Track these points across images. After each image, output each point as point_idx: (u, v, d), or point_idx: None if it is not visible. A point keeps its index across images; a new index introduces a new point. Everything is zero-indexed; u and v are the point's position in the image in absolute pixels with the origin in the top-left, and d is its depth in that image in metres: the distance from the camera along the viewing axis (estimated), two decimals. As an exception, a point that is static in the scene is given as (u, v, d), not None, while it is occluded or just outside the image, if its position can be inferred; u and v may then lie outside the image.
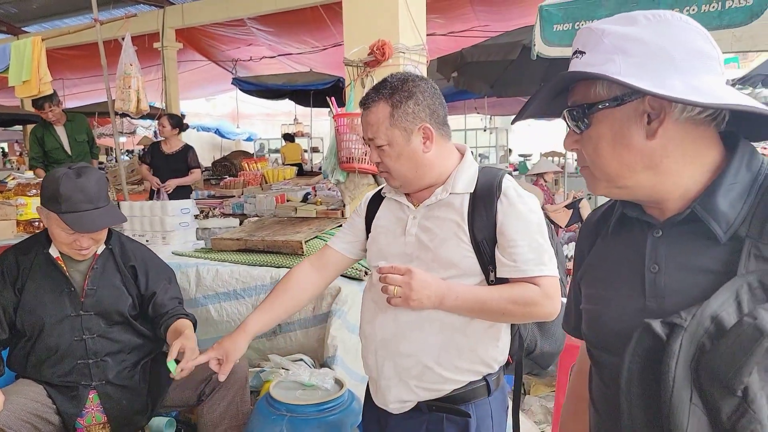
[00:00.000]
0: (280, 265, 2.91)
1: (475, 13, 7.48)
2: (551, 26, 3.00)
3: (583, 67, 0.89)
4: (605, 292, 1.00)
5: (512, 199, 1.46)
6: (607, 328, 0.98)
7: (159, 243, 3.37)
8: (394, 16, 3.17)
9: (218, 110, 18.26)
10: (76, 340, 2.14)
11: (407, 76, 1.51)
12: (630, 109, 0.87)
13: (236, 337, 1.64)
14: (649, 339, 0.82)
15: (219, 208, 5.41)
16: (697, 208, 0.88)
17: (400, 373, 1.51)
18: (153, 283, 2.29)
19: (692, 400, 0.77)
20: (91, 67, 9.58)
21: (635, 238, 0.97)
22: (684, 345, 0.78)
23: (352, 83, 3.32)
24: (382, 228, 1.62)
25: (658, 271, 0.91)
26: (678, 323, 0.79)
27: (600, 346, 1.01)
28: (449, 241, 1.47)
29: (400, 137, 1.48)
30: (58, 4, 8.84)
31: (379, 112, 1.49)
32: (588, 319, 1.05)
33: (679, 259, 0.90)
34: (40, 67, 4.96)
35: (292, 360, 2.63)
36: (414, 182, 1.54)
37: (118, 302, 2.21)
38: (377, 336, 1.55)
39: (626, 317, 0.94)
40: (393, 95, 1.47)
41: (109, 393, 2.18)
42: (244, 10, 8.15)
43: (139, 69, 4.94)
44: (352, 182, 3.33)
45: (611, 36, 0.87)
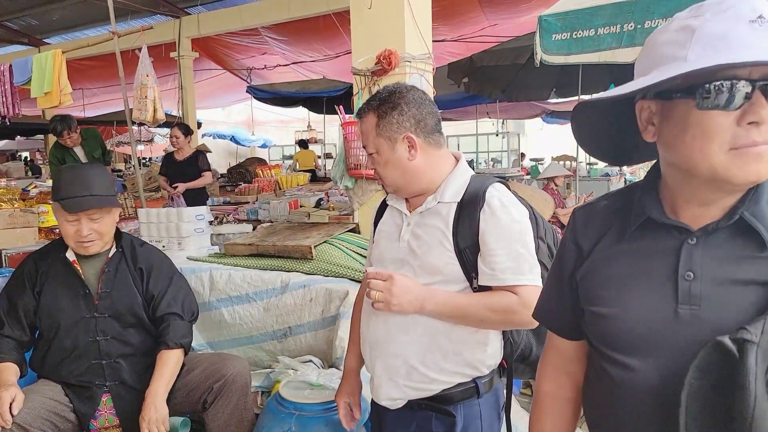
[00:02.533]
0: (290, 269, 2.99)
1: (485, 14, 7.52)
2: (550, 36, 3.07)
3: None
4: (625, 294, 0.97)
5: (494, 209, 1.49)
6: (629, 333, 0.95)
7: (175, 249, 3.47)
8: (400, 26, 3.25)
9: (233, 118, 18.48)
10: (91, 341, 2.22)
11: (395, 88, 1.58)
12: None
13: (348, 379, 1.83)
14: (716, 355, 0.80)
15: (233, 215, 5.52)
16: (745, 214, 0.85)
17: (389, 372, 1.58)
18: (153, 286, 2.33)
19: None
20: (109, 77, 9.78)
21: (662, 242, 0.94)
22: (760, 361, 0.76)
23: (360, 92, 3.40)
24: (383, 233, 1.69)
25: (693, 279, 0.89)
26: (749, 339, 0.76)
27: (619, 350, 0.97)
28: (435, 248, 1.52)
29: (385, 146, 1.55)
30: (78, 16, 9.06)
31: (367, 123, 1.57)
32: (602, 323, 1.00)
33: (718, 269, 0.87)
34: (61, 79, 5.12)
35: (302, 361, 2.71)
36: (405, 188, 1.60)
37: (132, 304, 2.27)
38: (371, 337, 1.63)
39: (655, 323, 0.92)
40: (380, 106, 1.55)
41: (122, 395, 2.24)
42: (258, 20, 8.29)
43: (156, 79, 5.07)
44: (360, 188, 3.41)
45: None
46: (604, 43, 2.97)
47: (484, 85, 7.40)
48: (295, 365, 2.57)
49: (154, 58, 5.43)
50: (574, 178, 7.92)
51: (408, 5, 3.25)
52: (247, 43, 9.37)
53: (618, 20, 2.75)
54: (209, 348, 3.11)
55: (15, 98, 5.64)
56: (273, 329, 2.91)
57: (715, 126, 0.81)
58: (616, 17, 2.77)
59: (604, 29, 2.84)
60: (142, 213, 3.68)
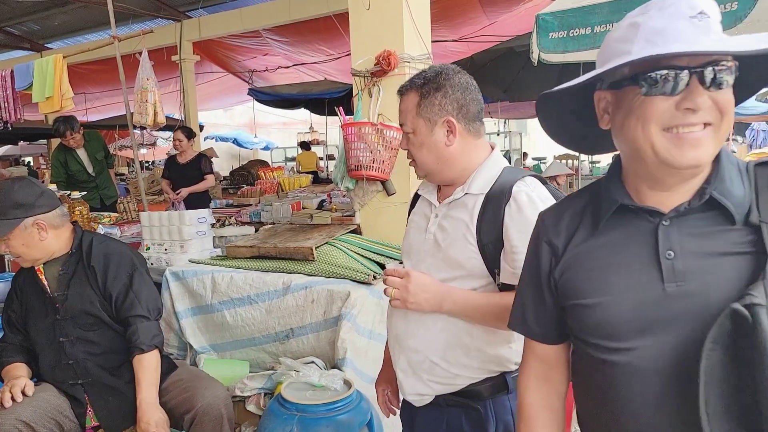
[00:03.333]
0: (292, 270, 3.00)
1: (486, 14, 7.51)
2: (547, 34, 3.06)
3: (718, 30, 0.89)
4: (610, 282, 1.00)
5: (521, 204, 1.42)
6: (622, 317, 0.98)
7: (177, 251, 3.48)
8: (399, 26, 3.25)
9: (236, 120, 18.51)
10: (58, 343, 2.26)
11: (442, 69, 1.52)
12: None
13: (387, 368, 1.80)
14: (731, 323, 0.84)
15: (236, 217, 5.53)
16: (714, 193, 0.92)
17: (413, 367, 1.55)
18: (110, 285, 2.28)
19: None
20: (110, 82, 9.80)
21: (637, 227, 0.99)
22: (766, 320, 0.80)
23: (360, 93, 3.41)
24: (413, 224, 1.66)
25: (674, 257, 0.94)
26: (757, 302, 0.81)
27: (613, 337, 0.99)
28: (458, 242, 1.48)
29: (423, 127, 1.50)
30: (79, 21, 9.08)
31: (408, 100, 1.52)
32: (591, 313, 1.02)
33: (694, 244, 0.93)
34: (62, 84, 5.13)
35: (304, 363, 2.71)
36: (437, 174, 1.55)
37: (88, 305, 2.26)
38: (393, 330, 1.62)
39: (646, 303, 0.95)
40: (423, 86, 1.50)
41: (96, 392, 2.27)
42: (258, 22, 8.29)
43: (156, 83, 5.08)
44: (361, 189, 3.42)
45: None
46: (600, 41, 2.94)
47: (486, 85, 7.38)
48: (297, 366, 2.57)
49: (155, 61, 5.44)
50: (577, 176, 7.91)
51: (406, 6, 3.25)
52: (248, 45, 9.38)
53: (614, 18, 2.74)
54: (212, 350, 3.12)
55: (17, 103, 5.66)
56: (275, 331, 2.92)
57: (655, 109, 0.90)
58: (612, 15, 2.76)
59: (601, 27, 2.83)
60: (144, 216, 3.69)
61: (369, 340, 2.77)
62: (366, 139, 3.22)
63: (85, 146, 5.68)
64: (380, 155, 3.24)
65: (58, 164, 5.68)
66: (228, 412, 2.25)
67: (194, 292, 3.13)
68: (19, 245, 2.22)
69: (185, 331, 3.13)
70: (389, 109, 3.32)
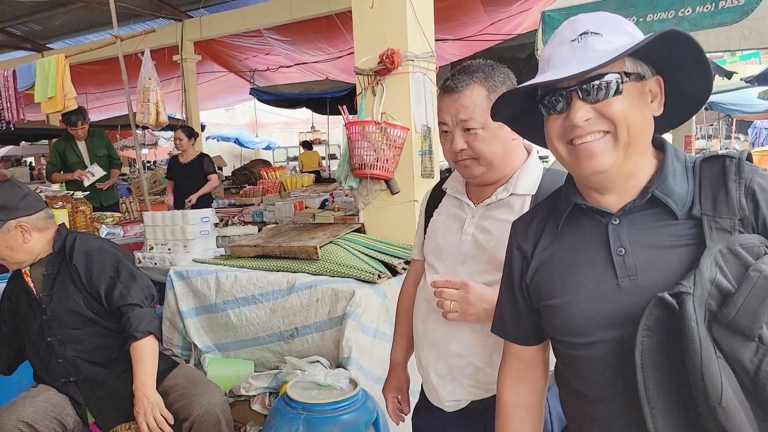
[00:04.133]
0: (296, 269, 2.99)
1: (488, 14, 7.49)
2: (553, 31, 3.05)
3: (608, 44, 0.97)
4: (572, 282, 1.06)
5: None
6: (583, 314, 1.04)
7: (180, 251, 3.48)
8: (402, 24, 3.24)
9: (237, 120, 18.53)
10: (47, 344, 2.27)
11: (494, 64, 1.50)
12: (642, 86, 0.99)
13: (394, 373, 1.79)
14: (659, 311, 0.90)
15: (239, 216, 5.52)
16: (656, 192, 1.00)
17: (452, 372, 1.50)
18: (96, 280, 2.26)
19: (717, 354, 0.84)
20: (113, 81, 9.80)
21: (590, 228, 1.07)
22: (696, 308, 0.85)
23: (363, 91, 3.40)
24: (441, 224, 1.60)
25: (625, 254, 1.01)
26: (684, 291, 0.86)
27: (577, 335, 1.05)
28: (506, 243, 1.44)
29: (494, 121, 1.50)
30: (81, 21, 9.08)
31: (474, 95, 1.45)
32: (557, 313, 1.08)
33: (642, 240, 1.00)
34: (65, 84, 5.13)
35: (310, 362, 2.70)
36: (498, 169, 1.50)
37: (72, 304, 2.26)
38: (429, 335, 1.55)
39: (603, 299, 1.02)
40: (487, 79, 1.46)
41: (88, 389, 2.27)
42: (260, 21, 8.28)
43: (158, 82, 5.08)
44: (364, 188, 3.41)
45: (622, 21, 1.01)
46: (608, 38, 2.94)
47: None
48: (302, 366, 2.57)
49: (156, 61, 5.42)
50: (579, 175, 7.88)
51: (410, 4, 3.24)
52: (249, 45, 9.37)
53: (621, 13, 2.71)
54: (216, 350, 3.11)
55: (19, 103, 5.65)
56: (280, 330, 2.91)
57: (553, 126, 1.03)
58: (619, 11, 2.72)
59: (607, 23, 2.81)
60: (147, 216, 3.68)
61: (374, 339, 2.76)
62: (370, 138, 3.21)
63: (87, 140, 5.68)
64: (384, 154, 3.23)
65: (56, 153, 5.70)
66: (225, 416, 2.23)
67: (198, 292, 3.13)
68: (3, 248, 2.23)
69: (189, 330, 3.12)
70: (393, 108, 3.30)
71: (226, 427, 2.22)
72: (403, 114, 3.29)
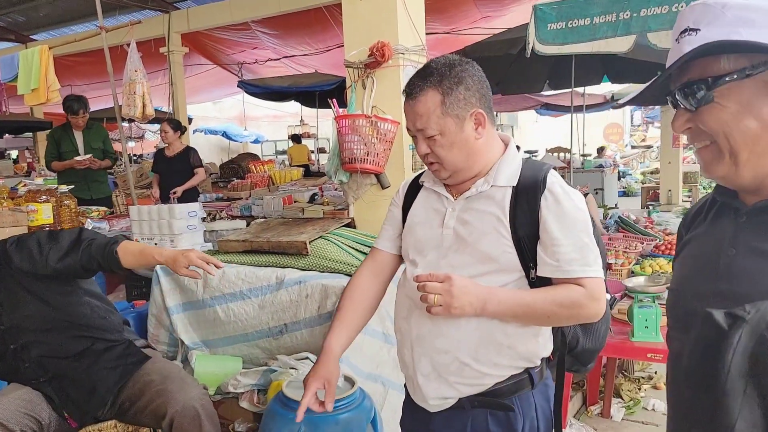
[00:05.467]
0: (285, 265, 2.95)
1: (478, 7, 7.48)
2: (546, 25, 3.03)
3: (704, 42, 0.85)
4: (688, 273, 1.02)
5: (558, 196, 1.39)
6: (682, 307, 1.00)
7: (167, 246, 3.42)
8: (393, 17, 3.20)
9: (225, 113, 18.37)
10: (11, 351, 2.22)
11: (452, 61, 1.44)
12: (760, 80, 0.84)
13: (326, 361, 1.58)
14: (711, 327, 0.84)
15: (227, 211, 5.47)
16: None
17: (438, 369, 1.47)
18: (52, 257, 2.15)
19: (746, 391, 0.78)
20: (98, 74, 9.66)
21: (724, 223, 0.98)
22: (743, 337, 0.78)
23: (353, 85, 3.36)
24: (419, 218, 1.56)
25: (734, 255, 0.91)
26: (741, 315, 0.79)
27: (673, 325, 1.03)
28: (489, 235, 1.42)
29: (452, 125, 1.42)
30: (65, 11, 8.94)
31: (428, 101, 1.41)
32: (669, 298, 1.07)
33: (755, 244, 0.89)
34: (48, 75, 5.04)
35: (299, 358, 2.67)
36: (464, 172, 1.48)
37: (24, 308, 2.20)
38: (413, 332, 1.51)
39: (700, 298, 0.94)
40: (442, 82, 1.40)
41: (58, 387, 2.24)
42: (248, 14, 8.20)
43: (145, 75, 5.01)
44: (354, 182, 3.37)
45: (733, 8, 0.84)
46: (600, 32, 2.92)
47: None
48: (293, 364, 2.53)
49: (143, 53, 5.36)
50: (569, 169, 7.91)
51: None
52: (237, 38, 9.29)
53: (614, 8, 2.71)
54: (204, 346, 3.07)
55: (2, 95, 5.56)
56: (268, 326, 2.88)
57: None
58: (612, 5, 2.73)
59: (600, 18, 2.79)
60: (133, 210, 3.63)
61: (364, 336, 2.73)
62: (360, 132, 3.18)
63: (84, 131, 5.60)
64: (374, 148, 3.20)
65: (52, 141, 5.61)
66: (205, 410, 2.17)
67: (185, 288, 3.08)
68: None
69: (176, 326, 3.07)
70: (384, 102, 3.27)
71: (208, 421, 2.15)
72: (393, 108, 3.25)
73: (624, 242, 4.10)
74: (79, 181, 5.55)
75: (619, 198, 12.55)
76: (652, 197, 10.22)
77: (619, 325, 2.84)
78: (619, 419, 3.40)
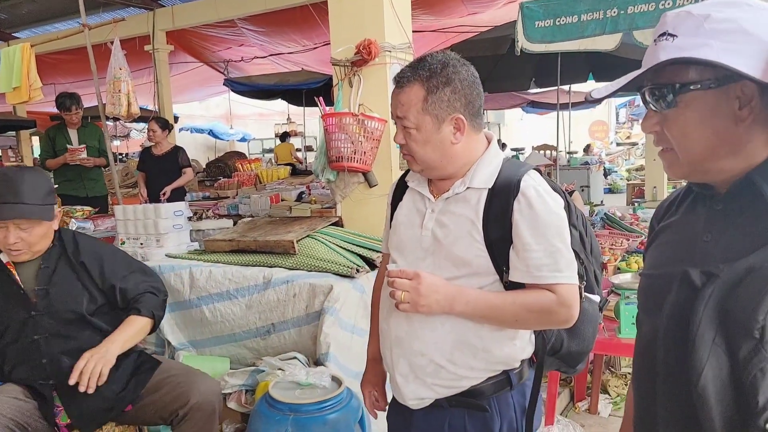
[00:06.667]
0: (273, 264, 2.94)
1: (465, 4, 7.48)
2: (533, 23, 3.03)
3: (677, 51, 0.89)
4: (663, 258, 1.05)
5: (530, 199, 1.38)
6: (653, 292, 1.02)
7: (153, 246, 3.39)
8: (380, 15, 3.19)
9: (211, 111, 18.24)
10: (30, 341, 2.17)
11: (448, 60, 1.42)
12: (722, 93, 0.89)
13: (373, 368, 1.75)
14: (686, 286, 0.89)
15: (213, 210, 5.43)
16: (755, 177, 0.91)
17: (415, 371, 1.48)
18: (109, 275, 2.26)
19: (715, 340, 0.83)
20: (82, 72, 9.55)
21: (699, 211, 1.01)
22: (716, 291, 0.84)
23: (340, 83, 3.35)
24: (403, 219, 1.57)
25: (709, 240, 0.94)
26: (714, 272, 0.85)
27: (644, 309, 1.06)
28: (462, 239, 1.42)
29: (430, 124, 1.41)
30: (48, 9, 8.82)
31: (412, 94, 1.41)
32: (642, 283, 1.10)
33: (731, 229, 0.93)
34: (30, 74, 4.96)
35: (286, 358, 2.66)
36: (438, 170, 1.48)
37: (72, 300, 2.20)
38: (392, 333, 1.53)
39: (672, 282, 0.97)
40: (431, 78, 1.39)
41: (68, 392, 2.16)
42: (234, 11, 8.13)
43: (129, 73, 4.95)
44: (342, 181, 3.36)
45: (713, 21, 0.87)
46: (588, 30, 2.93)
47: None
48: (280, 365, 2.52)
49: (128, 51, 5.29)
50: (555, 167, 7.95)
51: (387, -6, 3.19)
52: (223, 35, 9.21)
53: (601, 6, 2.72)
54: (191, 347, 3.05)
55: (-17, 94, 5.47)
56: (256, 326, 2.86)
57: None
58: (599, 3, 2.74)
59: (588, 15, 2.80)
60: (118, 210, 3.59)
61: (352, 335, 2.72)
62: (347, 130, 3.17)
63: (79, 129, 5.57)
64: (362, 146, 3.19)
65: (47, 139, 5.59)
66: (219, 407, 2.24)
67: (172, 288, 3.05)
68: (41, 234, 2.16)
69: (163, 327, 3.04)
70: (370, 100, 3.26)
71: (218, 417, 2.23)
72: (380, 106, 3.24)
73: (610, 239, 4.12)
74: (74, 179, 5.50)
75: (605, 195, 12.64)
76: (638, 194, 10.29)
77: (606, 321, 2.85)
78: (607, 415, 3.43)
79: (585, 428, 3.24)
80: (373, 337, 1.76)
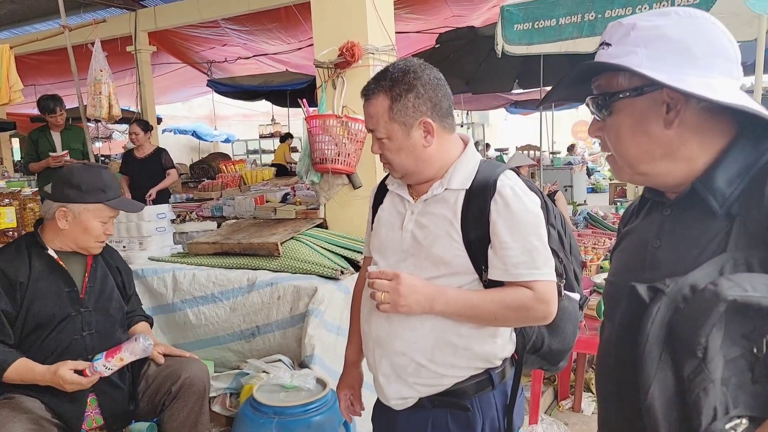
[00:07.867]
0: (257, 267, 2.93)
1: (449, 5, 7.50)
2: (512, 26, 3.06)
3: (608, 58, 0.94)
4: (621, 265, 1.09)
5: (507, 198, 1.40)
6: (610, 299, 1.07)
7: (136, 249, 3.37)
8: (362, 17, 3.20)
9: (195, 112, 18.09)
10: (76, 338, 2.16)
11: (408, 67, 1.44)
12: (650, 99, 0.93)
13: (350, 372, 1.76)
14: (635, 301, 0.89)
15: (197, 212, 5.40)
16: (697, 184, 0.94)
17: (396, 371, 1.49)
18: (128, 286, 2.44)
19: (662, 357, 0.84)
20: (62, 73, 9.45)
21: (653, 217, 1.04)
22: (662, 308, 0.84)
23: (324, 85, 3.35)
24: (384, 221, 1.59)
25: (658, 246, 0.98)
26: (661, 288, 0.86)
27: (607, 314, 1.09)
28: (441, 239, 1.44)
29: (399, 131, 1.44)
30: (28, 9, 8.71)
31: (378, 105, 1.44)
32: (606, 289, 1.14)
33: (678, 234, 0.96)
34: (10, 75, 4.90)
35: (271, 361, 2.66)
36: (415, 175, 1.50)
37: (114, 300, 2.31)
38: (373, 334, 1.54)
39: (623, 293, 0.98)
40: (393, 88, 1.42)
41: (106, 392, 2.18)
42: (217, 12, 8.08)
43: (110, 75, 4.91)
44: (326, 183, 3.36)
45: (639, 30, 0.92)
46: (566, 33, 2.97)
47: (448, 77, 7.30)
48: (265, 367, 2.52)
49: (109, 52, 5.25)
50: (538, 167, 8.00)
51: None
52: (206, 35, 9.14)
53: (579, 10, 2.76)
54: (175, 350, 3.03)
55: (-38, 96, 5.38)
56: (240, 329, 2.86)
57: None
58: (577, 7, 2.78)
59: (566, 19, 2.84)
60: (100, 213, 3.55)
61: (337, 336, 2.73)
62: (331, 132, 3.17)
63: (62, 132, 5.50)
64: (346, 148, 3.19)
65: (30, 142, 5.51)
66: (208, 389, 2.29)
67: (155, 291, 3.04)
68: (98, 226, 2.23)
69: (146, 331, 3.03)
70: (354, 102, 3.26)
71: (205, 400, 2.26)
72: (364, 108, 3.24)
73: (593, 238, 4.17)
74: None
75: (588, 195, 12.76)
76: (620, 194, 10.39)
77: (588, 320, 2.88)
78: (590, 413, 3.46)
79: (569, 426, 3.27)
80: (351, 340, 1.77)
